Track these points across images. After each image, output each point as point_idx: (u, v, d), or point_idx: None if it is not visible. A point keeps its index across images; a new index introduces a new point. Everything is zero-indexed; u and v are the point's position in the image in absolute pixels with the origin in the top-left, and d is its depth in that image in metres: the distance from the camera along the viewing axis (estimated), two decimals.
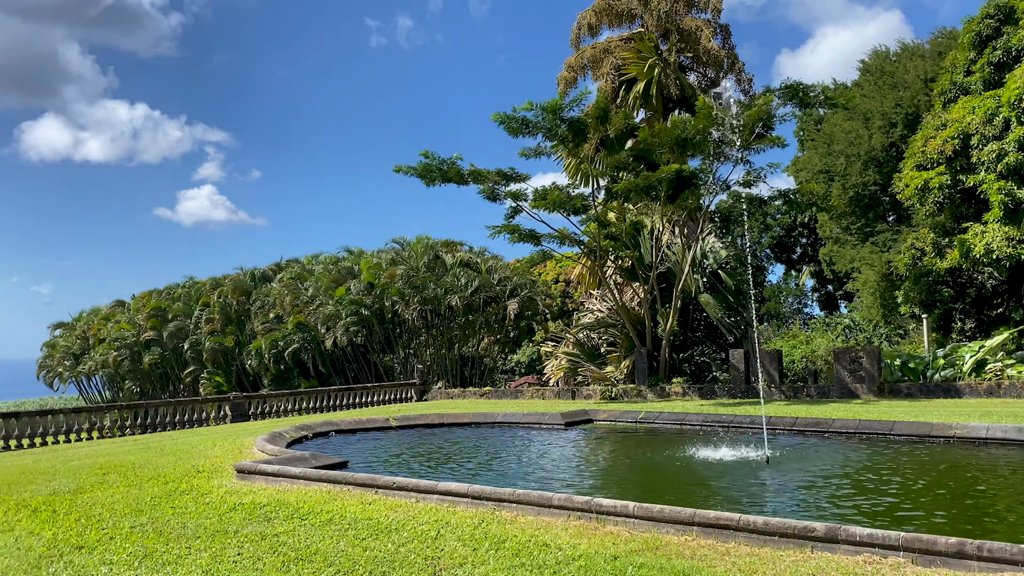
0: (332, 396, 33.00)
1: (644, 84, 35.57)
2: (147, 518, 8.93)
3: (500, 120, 26.31)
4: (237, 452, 13.85)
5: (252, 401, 30.26)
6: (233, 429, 22.99)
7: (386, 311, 43.59)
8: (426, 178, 28.43)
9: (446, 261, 44.57)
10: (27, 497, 10.93)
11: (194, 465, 12.62)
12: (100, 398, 63.36)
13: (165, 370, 56.03)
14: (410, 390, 36.77)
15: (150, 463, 13.34)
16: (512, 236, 30.03)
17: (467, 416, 17.58)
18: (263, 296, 49.90)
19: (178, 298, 56.22)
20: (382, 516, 8.38)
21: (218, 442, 16.05)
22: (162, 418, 26.98)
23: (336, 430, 16.27)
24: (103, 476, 12.28)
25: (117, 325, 56.98)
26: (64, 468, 13.82)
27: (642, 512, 7.41)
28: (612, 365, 31.21)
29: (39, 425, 23.93)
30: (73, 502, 10.25)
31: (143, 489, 10.80)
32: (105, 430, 25.38)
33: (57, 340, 64.56)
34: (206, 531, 8.16)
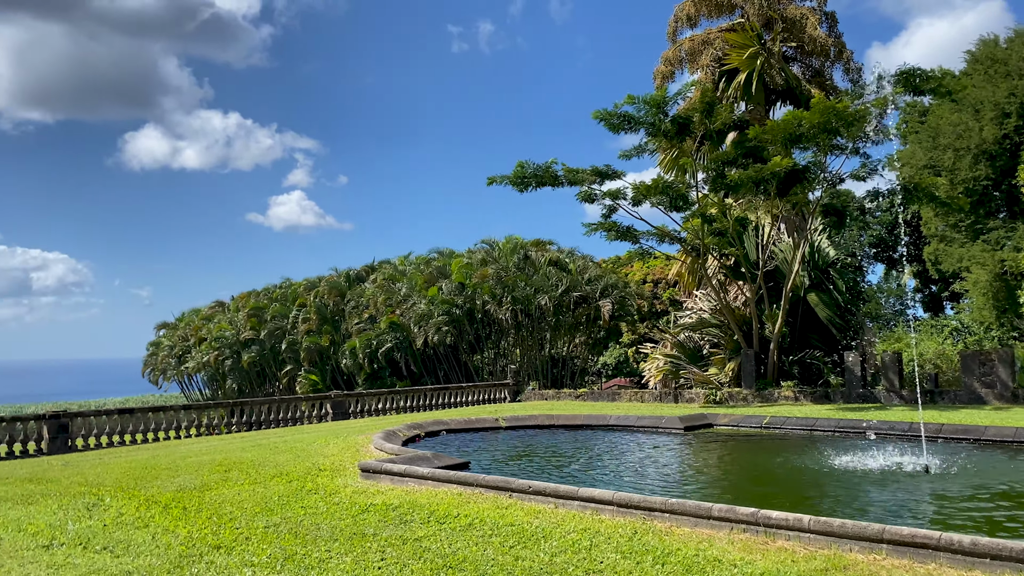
0: (427, 395, 32.95)
1: (745, 75, 34.26)
2: (279, 518, 8.69)
3: (601, 117, 25.68)
4: (354, 450, 13.65)
5: (351, 399, 30.45)
6: (338, 427, 23.05)
7: (476, 311, 43.45)
8: (520, 185, 28.09)
9: (536, 261, 44.14)
10: (155, 493, 10.93)
11: (315, 463, 12.45)
12: (201, 396, 65.56)
13: (263, 368, 57.47)
14: (503, 390, 36.46)
15: (269, 461, 13.26)
16: (609, 234, 29.33)
17: (578, 418, 17.02)
18: (357, 296, 50.55)
19: (276, 299, 57.59)
20: (523, 522, 7.88)
21: (330, 440, 15.95)
22: (266, 415, 27.38)
23: (447, 429, 15.95)
24: (225, 473, 12.24)
25: (218, 325, 58.83)
26: (184, 464, 13.90)
27: (820, 527, 6.68)
28: (715, 367, 30.09)
29: (151, 421, 24.57)
30: (201, 499, 10.15)
31: (268, 487, 10.63)
32: (212, 427, 25.90)
33: (161, 340, 67.18)
34: (343, 533, 7.83)
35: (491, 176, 27.57)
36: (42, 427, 22.23)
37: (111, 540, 8.21)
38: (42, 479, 13.62)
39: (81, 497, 11.08)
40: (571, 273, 43.18)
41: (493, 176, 27.62)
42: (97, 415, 23.48)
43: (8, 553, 7.98)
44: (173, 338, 65.43)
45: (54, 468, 15.60)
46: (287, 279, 61.45)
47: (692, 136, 26.57)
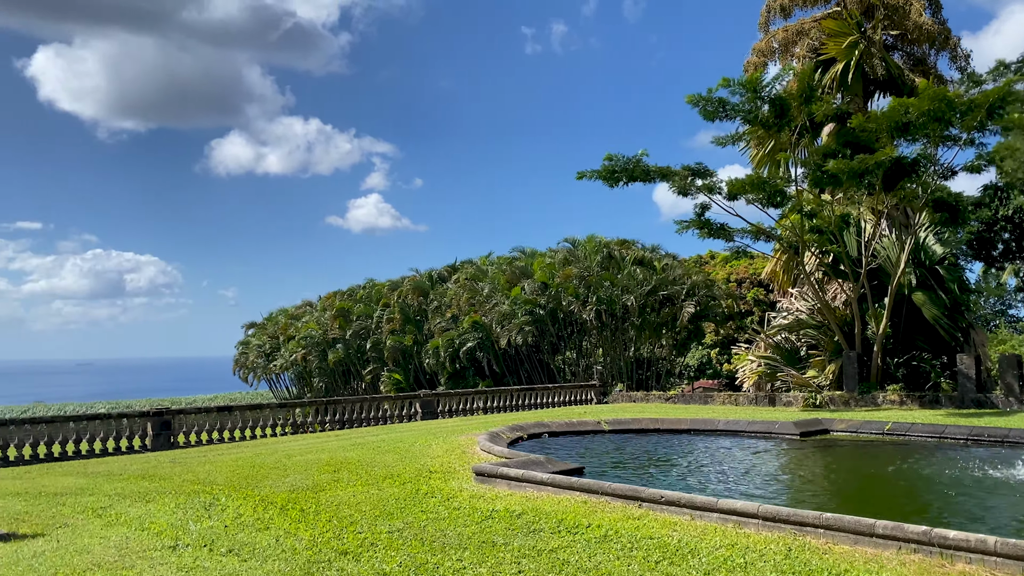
0: (514, 396, 32.68)
1: (842, 65, 32.81)
2: (401, 523, 8.43)
3: (695, 102, 24.84)
4: (459, 452, 13.39)
5: (439, 399, 30.42)
6: (431, 427, 22.96)
7: (559, 311, 42.96)
8: (610, 180, 27.45)
9: (620, 260, 43.39)
10: (268, 493, 10.86)
11: (423, 465, 12.22)
12: (288, 394, 67.08)
13: (347, 367, 58.34)
14: (589, 392, 35.89)
15: (376, 461, 13.11)
16: (701, 232, 28.44)
17: (684, 422, 16.40)
18: (440, 296, 50.73)
19: (360, 299, 58.37)
20: (662, 535, 7.40)
21: (430, 441, 15.76)
22: (356, 414, 27.55)
23: (548, 432, 15.57)
24: (334, 474, 12.13)
25: (305, 325, 60.01)
26: (291, 464, 13.89)
27: (1009, 550, 5.99)
28: (814, 369, 28.86)
29: (248, 419, 24.98)
30: (317, 501, 10.01)
31: (382, 489, 10.43)
32: (305, 425, 26.20)
33: (250, 339, 69.00)
34: (471, 541, 7.51)
35: (580, 171, 27.05)
36: (146, 424, 22.83)
37: (235, 543, 8.10)
38: (154, 476, 13.82)
39: (196, 496, 11.12)
40: (657, 272, 42.27)
41: (583, 171, 27.09)
42: (197, 412, 24.00)
43: (136, 553, 7.95)
44: (262, 337, 67.08)
45: (163, 465, 15.88)
46: (371, 279, 62.28)
47: (790, 126, 25.46)
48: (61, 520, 10.07)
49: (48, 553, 8.26)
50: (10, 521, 10.15)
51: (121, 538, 8.65)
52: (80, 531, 9.28)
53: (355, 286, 63.44)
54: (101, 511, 10.40)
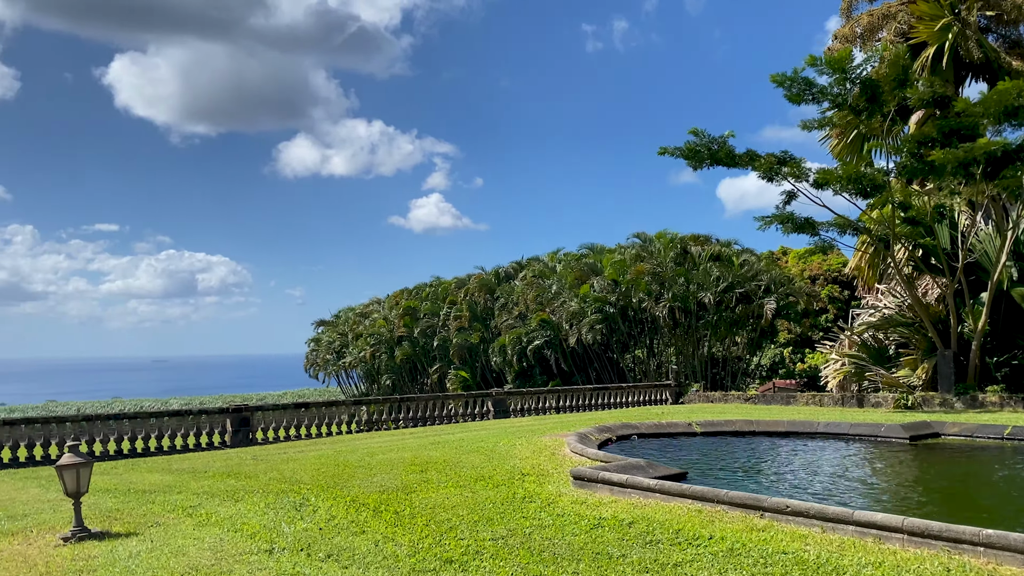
0: (587, 395, 32.06)
1: (934, 49, 31.19)
2: (504, 529, 7.95)
3: (779, 82, 23.77)
4: (548, 453, 12.88)
5: (512, 397, 30.01)
6: (507, 426, 22.53)
7: (633, 307, 42.10)
8: (693, 159, 26.53)
9: (694, 256, 42.28)
10: (358, 494, 10.53)
11: (513, 467, 11.75)
12: (356, 391, 67.73)
13: (414, 364, 58.50)
14: (664, 392, 35.00)
15: (462, 462, 12.69)
16: (785, 226, 27.32)
17: (781, 424, 15.57)
18: (507, 294, 50.35)
19: (427, 297, 58.47)
20: (795, 549, 6.74)
21: (513, 440, 15.29)
22: (430, 411, 27.33)
23: (637, 434, 14.94)
24: (422, 474, 11.75)
25: (373, 322, 60.43)
26: (375, 463, 13.60)
27: None
28: (906, 369, 27.44)
29: (324, 416, 24.99)
30: (410, 503, 9.62)
31: (476, 492, 9.98)
32: (380, 422, 26.08)
33: (320, 336, 69.90)
34: (584, 553, 6.97)
35: (663, 147, 26.22)
36: (225, 420, 22.97)
37: (332, 547, 7.74)
38: (239, 473, 13.69)
39: (285, 495, 10.87)
40: (734, 268, 41.03)
41: (665, 147, 26.26)
42: (275, 409, 24.08)
43: (233, 556, 7.66)
44: (332, 335, 67.85)
45: (246, 462, 15.80)
46: (437, 277, 62.31)
47: (881, 112, 24.17)
48: (152, 519, 9.92)
49: (143, 554, 8.05)
50: (102, 518, 10.05)
51: (215, 540, 8.40)
52: (172, 531, 9.09)
53: (422, 284, 63.61)
54: (191, 510, 10.23)
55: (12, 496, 12.72)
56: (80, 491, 9.41)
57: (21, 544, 9.17)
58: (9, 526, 10.06)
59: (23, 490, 13.43)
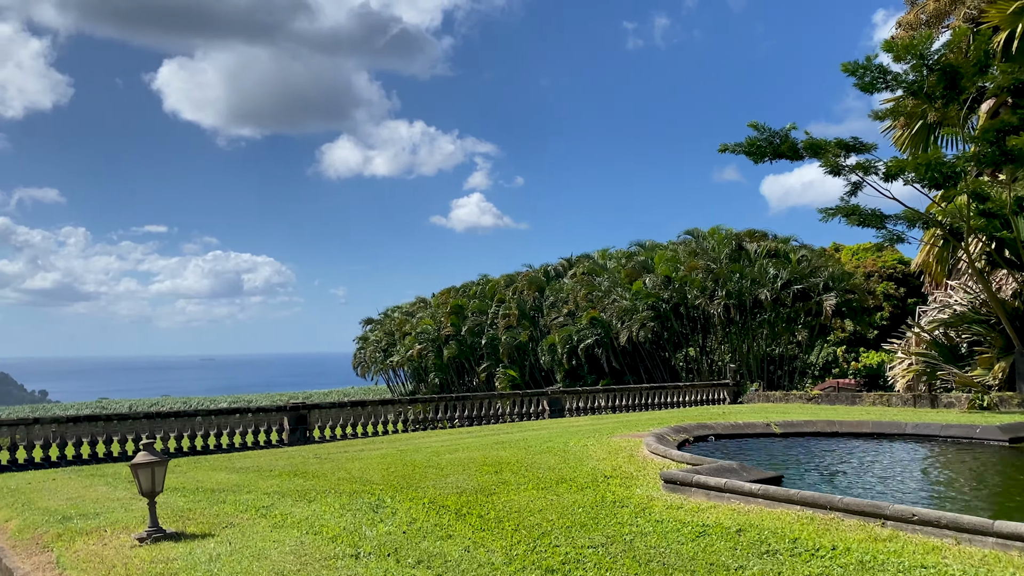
0: (643, 394, 31.41)
1: (1006, 35, 29.83)
2: (602, 536, 7.46)
3: (851, 70, 22.83)
4: (626, 454, 12.34)
5: (568, 396, 29.50)
6: (565, 425, 22.03)
7: (684, 306, 41.24)
8: (755, 155, 25.69)
9: (749, 252, 41.27)
10: (434, 495, 10.13)
11: (592, 468, 11.25)
12: (403, 389, 67.79)
13: (462, 363, 58.28)
14: (721, 391, 34.17)
15: (534, 462, 12.23)
16: (850, 219, 26.33)
17: (866, 425, 14.81)
18: (556, 292, 49.80)
19: (474, 295, 58.19)
20: (935, 563, 6.13)
21: (582, 441, 14.79)
22: (485, 410, 26.97)
23: (714, 434, 14.33)
24: (496, 475, 11.31)
25: (421, 321, 60.34)
26: (444, 463, 13.21)
27: None
28: (980, 368, 26.27)
29: (381, 414, 24.77)
30: (492, 505, 9.18)
31: (560, 495, 9.51)
32: (435, 421, 25.78)
33: (368, 335, 70.10)
34: (696, 563, 6.45)
35: (724, 143, 25.47)
36: (283, 418, 22.86)
37: (421, 553, 7.33)
38: (305, 472, 13.42)
39: (359, 496, 10.52)
40: (792, 264, 39.93)
41: (725, 144, 25.50)
42: (332, 407, 23.91)
43: (318, 561, 7.30)
44: (379, 333, 67.98)
45: (309, 461, 15.55)
46: (484, 275, 61.93)
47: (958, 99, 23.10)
48: (226, 519, 9.64)
49: (224, 557, 7.74)
50: (175, 518, 9.81)
51: (296, 543, 8.05)
52: (249, 532, 8.78)
53: (469, 282, 63.34)
54: (265, 510, 9.93)
55: (81, 494, 12.61)
56: (155, 490, 9.17)
57: (96, 544, 8.95)
58: (82, 525, 9.87)
59: (91, 488, 13.34)
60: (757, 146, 25.23)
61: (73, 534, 9.45)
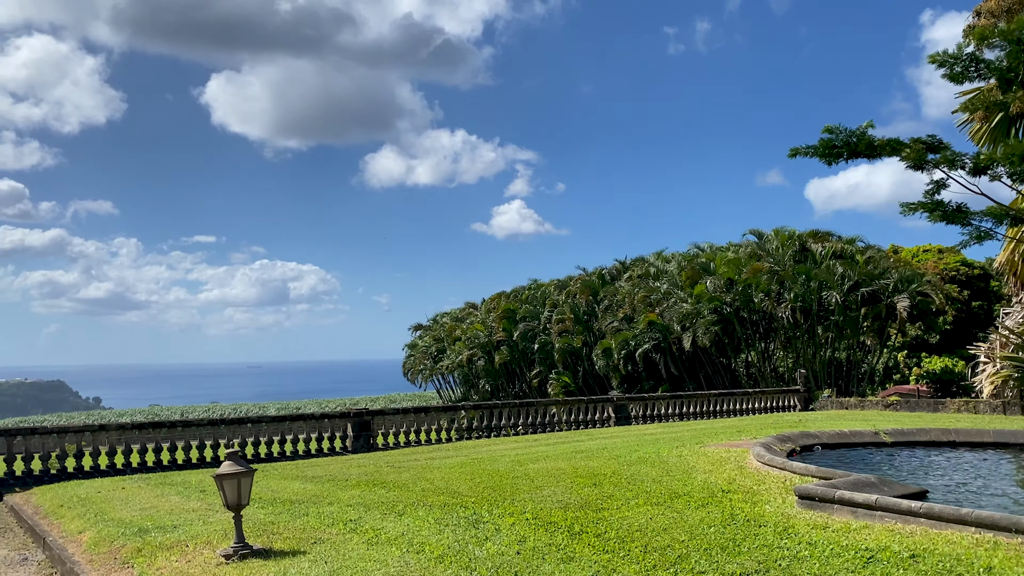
0: (712, 401, 30.26)
1: None
2: (751, 561, 6.54)
3: (940, 61, 21.52)
4: (733, 465, 11.37)
5: (634, 403, 28.50)
6: (639, 433, 21.03)
7: (750, 308, 39.89)
8: (828, 156, 24.43)
9: (815, 253, 39.79)
10: (536, 510, 9.30)
11: (703, 481, 10.32)
12: (453, 395, 67.25)
13: (513, 369, 57.48)
14: (792, 397, 32.83)
15: (635, 475, 11.33)
16: (932, 215, 24.84)
17: (986, 434, 13.60)
18: (611, 296, 48.75)
19: (525, 300, 57.36)
20: None
21: (678, 450, 13.84)
22: (550, 417, 26.15)
23: (820, 444, 13.27)
24: (596, 488, 10.45)
25: (471, 326, 59.71)
26: (530, 473, 12.38)
27: None
28: None
29: (443, 420, 24.06)
30: (606, 523, 8.31)
31: (681, 512, 8.60)
32: (498, 428, 24.99)
33: (417, 341, 69.71)
34: None
35: (794, 147, 24.29)
36: (346, 425, 22.28)
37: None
38: (384, 482, 12.70)
39: (451, 509, 9.75)
40: (858, 265, 38.37)
41: (796, 147, 24.30)
42: (395, 413, 23.28)
43: None
44: (428, 339, 67.54)
45: (383, 470, 14.85)
46: (535, 280, 61.16)
47: None
48: (313, 534, 8.94)
49: None
50: (259, 532, 9.14)
51: (399, 563, 7.29)
52: (342, 550, 8.04)
53: (519, 287, 62.58)
54: (353, 525, 9.20)
55: (154, 504, 12.06)
56: (241, 503, 8.48)
57: (180, 561, 8.30)
58: (162, 539, 9.25)
59: (163, 497, 12.79)
60: (832, 147, 24.06)
61: (153, 549, 8.83)
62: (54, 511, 12.65)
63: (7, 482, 16.96)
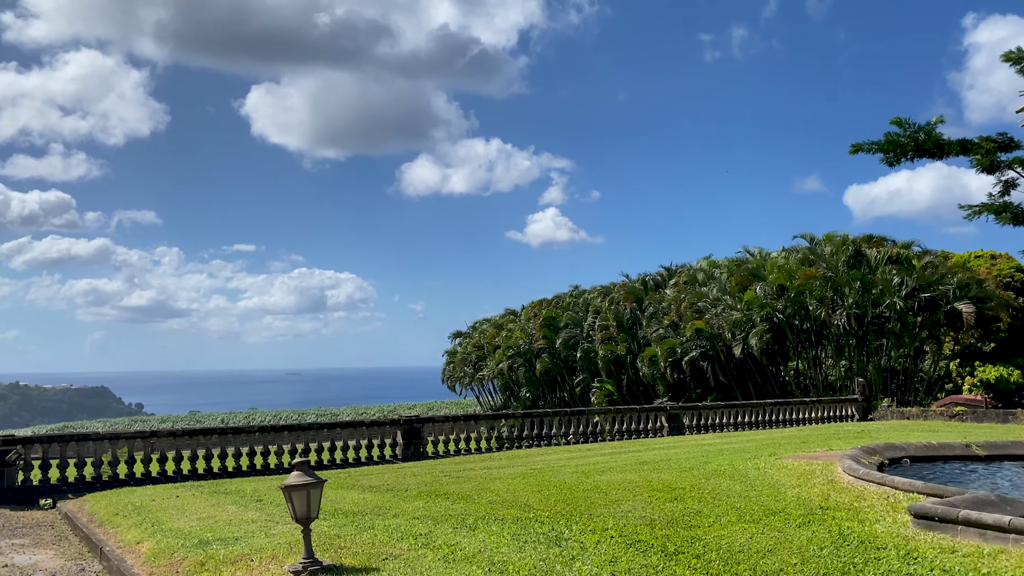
0: (767, 410, 29.29)
1: None
2: None
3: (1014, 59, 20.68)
4: (822, 479, 10.64)
5: (687, 412, 27.68)
6: (696, 444, 20.26)
7: (808, 314, 38.74)
8: (892, 153, 23.68)
9: (870, 258, 38.58)
10: (619, 526, 8.69)
11: (796, 496, 9.62)
12: (492, 403, 66.73)
13: (554, 377, 56.84)
14: (849, 407, 31.70)
15: (716, 488, 10.65)
16: (1000, 217, 24.10)
17: None
18: (656, 302, 47.86)
19: (567, 307, 56.65)
20: None
21: (752, 462, 13.10)
22: (600, 426, 25.47)
23: (908, 456, 12.46)
24: (678, 503, 9.80)
25: (511, 334, 59.16)
26: (600, 485, 11.76)
27: None
28: None
29: (494, 428, 23.52)
30: (702, 542, 7.67)
31: (783, 532, 7.92)
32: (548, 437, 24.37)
33: (456, 348, 69.32)
34: None
35: (856, 143, 23.68)
36: (396, 432, 21.83)
37: None
38: (445, 493, 12.16)
39: (525, 524, 9.17)
40: (916, 271, 37.07)
41: (859, 143, 23.69)
42: (445, 421, 22.80)
43: None
44: (467, 346, 67.10)
45: (440, 479, 14.34)
46: (576, 286, 60.31)
47: None
48: (382, 549, 8.41)
49: None
50: (325, 546, 8.63)
51: None
52: (416, 566, 7.51)
53: (560, 294, 61.82)
54: (424, 539, 8.67)
55: (211, 514, 11.66)
56: (310, 516, 7.98)
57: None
58: (224, 552, 8.80)
59: (219, 507, 12.39)
60: (898, 143, 23.23)
61: (217, 563, 8.38)
62: (109, 519, 12.33)
63: (60, 488, 16.78)
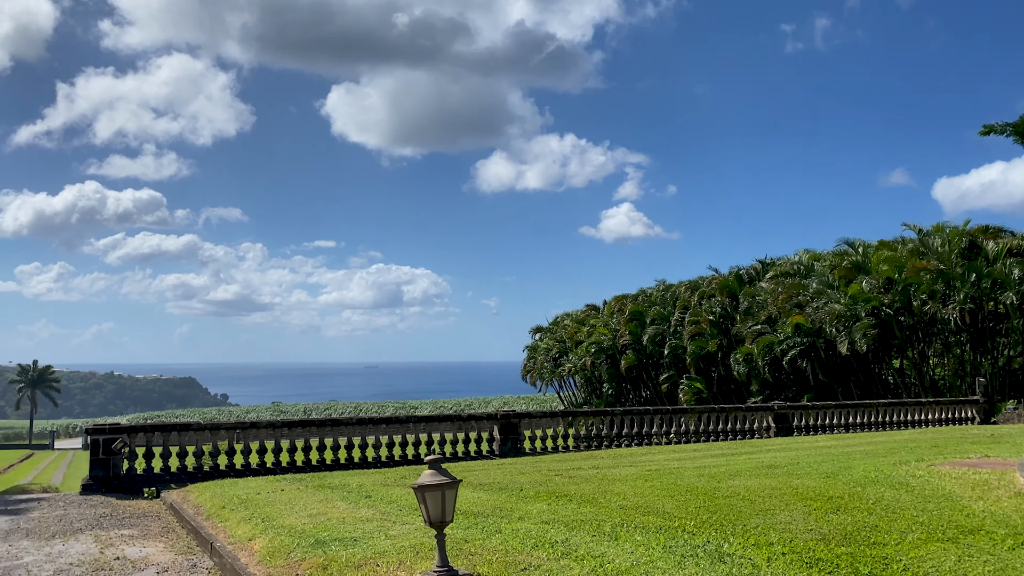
0: (880, 412, 27.57)
1: None
2: None
3: None
4: (1008, 491, 9.36)
5: (795, 412, 26.22)
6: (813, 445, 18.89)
7: (917, 310, 36.47)
8: None
9: (986, 250, 36.02)
10: (782, 539, 7.66)
11: (985, 511, 8.39)
12: (574, 399, 65.78)
13: (640, 373, 55.46)
14: (969, 408, 29.58)
15: (879, 498, 9.48)
16: None
17: None
18: (750, 297, 45.99)
19: (654, 302, 55.14)
20: None
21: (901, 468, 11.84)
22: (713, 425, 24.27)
23: None
24: (841, 514, 8.68)
25: (596, 330, 57.99)
26: (741, 491, 10.71)
27: None
28: None
29: (592, 426, 22.61)
30: (898, 563, 6.58)
31: (992, 554, 6.76)
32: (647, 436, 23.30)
33: (537, 344, 68.59)
34: None
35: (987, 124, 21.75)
36: (492, 427, 21.16)
37: None
38: (564, 494, 11.28)
39: (671, 533, 8.22)
40: None
41: (991, 124, 21.76)
42: (542, 416, 22.00)
43: None
44: (548, 341, 66.28)
45: (553, 479, 13.50)
46: (662, 280, 58.67)
47: None
48: (517, 557, 7.59)
49: None
50: (454, 552, 7.85)
51: None
52: None
53: (644, 288, 60.34)
54: (563, 547, 7.80)
55: (321, 510, 11.09)
56: (445, 520, 7.22)
57: None
58: (345, 555, 8.13)
59: (327, 502, 11.84)
60: None
61: (341, 567, 7.71)
62: (216, 512, 11.93)
63: (163, 478, 16.68)
